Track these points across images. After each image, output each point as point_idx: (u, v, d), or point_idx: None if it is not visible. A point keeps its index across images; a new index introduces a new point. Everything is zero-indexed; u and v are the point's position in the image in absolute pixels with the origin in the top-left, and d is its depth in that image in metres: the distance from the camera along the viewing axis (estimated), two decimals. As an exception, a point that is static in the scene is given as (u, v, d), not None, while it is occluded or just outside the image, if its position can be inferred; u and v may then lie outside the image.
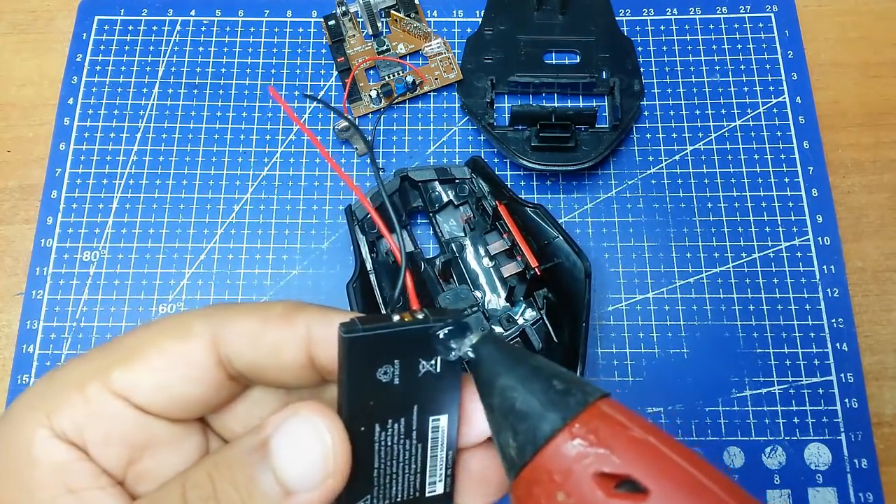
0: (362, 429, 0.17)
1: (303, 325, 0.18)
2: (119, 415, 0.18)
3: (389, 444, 0.18)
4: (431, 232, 0.40)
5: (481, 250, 0.39)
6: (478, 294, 0.38)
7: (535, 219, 0.37)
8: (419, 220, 0.41)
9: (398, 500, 0.19)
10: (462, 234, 0.40)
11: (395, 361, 0.17)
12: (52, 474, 0.17)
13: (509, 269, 0.38)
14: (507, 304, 0.38)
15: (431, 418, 0.18)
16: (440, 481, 0.19)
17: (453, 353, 0.18)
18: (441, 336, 0.18)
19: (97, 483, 0.18)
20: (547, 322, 0.37)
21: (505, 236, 0.38)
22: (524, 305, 0.38)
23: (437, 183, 0.40)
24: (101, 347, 0.18)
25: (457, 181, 0.40)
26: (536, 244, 0.37)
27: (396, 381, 0.17)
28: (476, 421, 0.19)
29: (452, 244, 0.39)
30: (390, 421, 0.18)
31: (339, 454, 0.17)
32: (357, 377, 0.17)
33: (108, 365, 0.18)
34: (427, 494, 0.19)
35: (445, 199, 0.40)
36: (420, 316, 0.18)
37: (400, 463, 0.18)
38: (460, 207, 0.40)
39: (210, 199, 0.41)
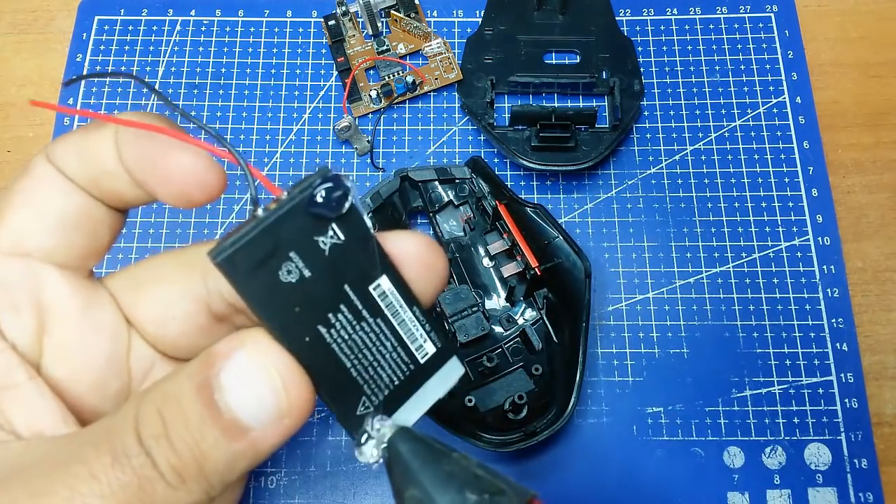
0: (307, 339, 0.16)
1: (111, 129, 0.18)
2: (12, 273, 0.18)
3: (347, 337, 0.16)
4: (431, 232, 0.40)
5: (481, 250, 0.39)
6: (477, 294, 0.38)
7: (535, 219, 0.37)
8: (419, 221, 0.41)
9: (396, 383, 0.17)
10: (462, 234, 0.40)
11: (291, 254, 0.15)
12: None
13: (509, 269, 0.38)
14: (507, 304, 0.38)
15: (371, 288, 0.16)
16: (426, 340, 0.17)
17: (343, 208, 0.16)
18: (320, 201, 0.15)
19: (13, 378, 0.17)
20: (547, 322, 0.37)
21: (505, 236, 0.38)
22: (524, 305, 0.38)
23: (437, 183, 0.40)
24: None
25: (457, 181, 0.40)
26: (536, 244, 0.37)
27: (307, 272, 0.15)
28: (400, 243, 0.17)
29: (452, 244, 0.39)
30: (331, 315, 0.16)
31: (291, 391, 0.16)
32: (261, 292, 0.15)
33: None
34: (421, 360, 0.17)
35: (445, 199, 0.40)
36: (284, 196, 0.15)
37: (372, 349, 0.16)
38: (460, 207, 0.40)
39: (210, 199, 0.41)
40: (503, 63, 0.43)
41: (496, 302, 0.38)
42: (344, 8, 0.43)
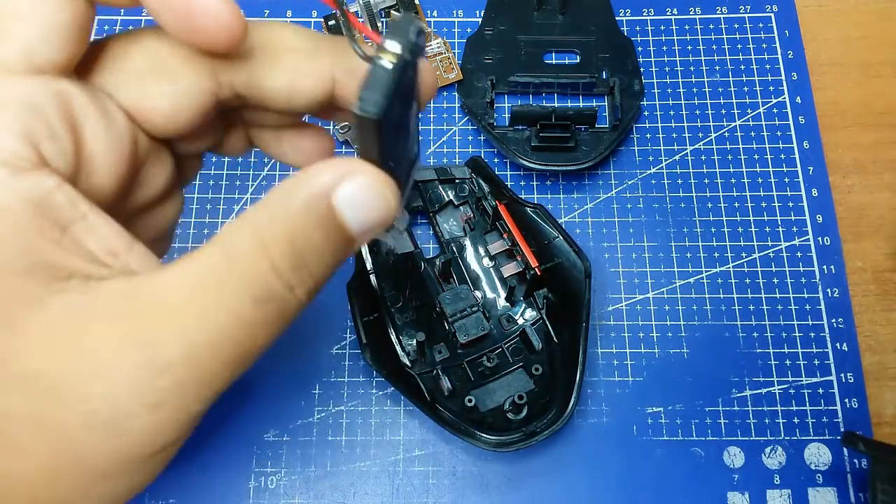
0: (391, 164, 0.18)
1: None
2: (40, 97, 0.17)
3: (398, 155, 0.19)
4: (431, 232, 0.40)
5: (481, 250, 0.39)
6: (478, 294, 0.38)
7: (535, 219, 0.37)
8: (419, 220, 0.41)
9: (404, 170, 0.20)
10: (462, 234, 0.40)
11: (402, 95, 0.17)
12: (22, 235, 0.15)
13: (509, 269, 0.38)
14: (507, 304, 0.38)
15: (412, 112, 0.20)
16: (414, 144, 0.21)
17: (424, 51, 0.18)
18: (420, 45, 0.17)
19: (80, 209, 0.16)
20: (547, 322, 0.37)
21: (505, 236, 0.38)
22: (524, 305, 0.38)
23: (437, 183, 0.40)
24: None
25: (457, 181, 0.40)
26: (536, 244, 0.37)
27: (397, 107, 0.17)
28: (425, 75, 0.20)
29: (452, 244, 0.39)
30: (398, 140, 0.19)
31: (395, 208, 0.18)
32: (385, 136, 0.17)
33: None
34: (413, 157, 0.21)
35: (445, 199, 0.40)
36: (397, 51, 0.17)
37: (401, 149, 0.20)
38: (460, 207, 0.40)
39: (210, 199, 0.41)
40: (503, 63, 0.43)
41: (496, 302, 0.38)
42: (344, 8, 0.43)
